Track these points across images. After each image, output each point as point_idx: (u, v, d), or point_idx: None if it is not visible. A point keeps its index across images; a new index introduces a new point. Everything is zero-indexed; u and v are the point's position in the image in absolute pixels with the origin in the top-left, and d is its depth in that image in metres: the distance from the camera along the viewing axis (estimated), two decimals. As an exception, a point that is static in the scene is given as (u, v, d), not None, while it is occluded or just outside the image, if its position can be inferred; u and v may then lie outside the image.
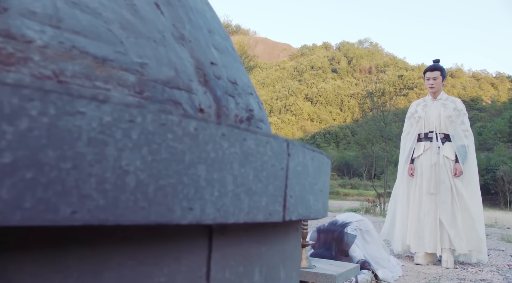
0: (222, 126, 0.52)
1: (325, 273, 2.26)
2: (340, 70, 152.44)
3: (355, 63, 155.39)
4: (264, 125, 0.89)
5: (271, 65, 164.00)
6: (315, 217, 0.75)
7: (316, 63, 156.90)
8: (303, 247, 2.43)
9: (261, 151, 0.58)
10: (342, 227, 3.47)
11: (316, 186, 0.76)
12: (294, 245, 0.85)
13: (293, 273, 0.83)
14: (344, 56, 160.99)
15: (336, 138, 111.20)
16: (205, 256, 0.57)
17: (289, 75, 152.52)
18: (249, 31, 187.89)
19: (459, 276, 3.68)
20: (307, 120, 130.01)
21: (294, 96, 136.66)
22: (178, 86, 0.63)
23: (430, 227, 4.13)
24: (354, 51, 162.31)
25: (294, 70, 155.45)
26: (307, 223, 2.47)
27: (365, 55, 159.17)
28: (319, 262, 2.58)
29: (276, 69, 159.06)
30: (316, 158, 0.76)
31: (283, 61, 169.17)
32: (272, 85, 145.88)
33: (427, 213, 4.18)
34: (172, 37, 0.67)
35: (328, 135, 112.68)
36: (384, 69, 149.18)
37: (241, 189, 0.55)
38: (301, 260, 0.90)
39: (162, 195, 0.45)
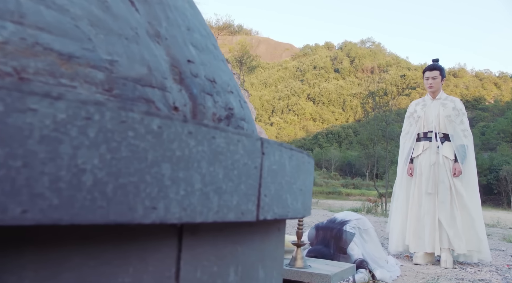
0: (188, 124, 0.51)
1: (320, 273, 2.25)
2: (342, 70, 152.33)
3: (357, 63, 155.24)
4: (246, 124, 0.88)
5: (273, 65, 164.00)
6: (294, 216, 0.74)
7: (319, 63, 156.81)
8: (298, 247, 2.42)
9: (232, 149, 0.58)
10: (340, 225, 3.46)
11: (295, 185, 0.75)
12: (276, 245, 0.84)
13: (274, 273, 0.83)
14: (347, 56, 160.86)
15: (339, 138, 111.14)
16: (174, 256, 0.56)
17: (291, 75, 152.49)
18: (251, 31, 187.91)
19: (457, 276, 3.67)
20: (310, 120, 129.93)
21: (297, 96, 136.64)
22: (151, 84, 0.62)
23: (429, 227, 4.12)
24: (356, 51, 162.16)
25: (297, 70, 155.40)
26: (302, 222, 2.46)
27: (367, 55, 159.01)
28: (315, 262, 2.57)
29: (278, 69, 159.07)
30: (295, 157, 0.75)
31: (285, 61, 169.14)
32: (275, 85, 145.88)
33: (426, 213, 4.16)
34: (147, 35, 0.66)
35: (331, 135, 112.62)
36: (387, 69, 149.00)
37: (210, 188, 0.54)
38: (283, 260, 0.89)
39: (123, 194, 0.44)
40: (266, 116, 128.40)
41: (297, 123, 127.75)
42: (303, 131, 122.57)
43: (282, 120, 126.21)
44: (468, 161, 4.18)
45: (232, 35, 76.61)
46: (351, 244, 3.35)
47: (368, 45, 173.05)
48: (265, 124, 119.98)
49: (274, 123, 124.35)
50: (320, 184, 57.62)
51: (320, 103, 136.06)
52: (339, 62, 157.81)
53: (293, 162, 0.74)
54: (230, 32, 57.45)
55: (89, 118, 0.42)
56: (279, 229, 0.86)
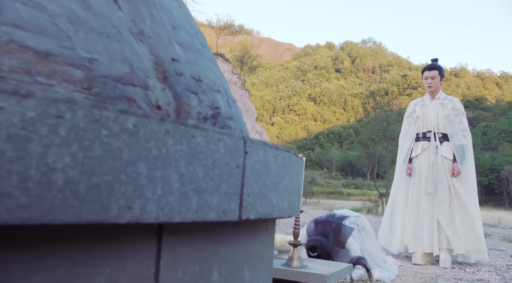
0: (166, 123, 0.51)
1: (316, 273, 2.25)
2: (343, 70, 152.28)
3: (358, 62, 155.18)
4: (234, 123, 0.87)
5: (274, 65, 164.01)
6: (279, 216, 0.74)
7: (320, 63, 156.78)
8: (294, 247, 2.42)
9: (213, 148, 0.57)
10: (339, 219, 3.46)
11: (281, 185, 0.74)
12: (263, 245, 0.84)
13: (261, 272, 0.82)
14: (348, 56, 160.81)
15: (340, 138, 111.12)
16: (154, 256, 0.55)
17: (292, 75, 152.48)
18: (252, 31, 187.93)
19: (456, 276, 3.66)
20: (311, 120, 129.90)
21: (298, 96, 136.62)
22: (133, 83, 0.62)
23: (428, 227, 4.11)
24: (357, 50, 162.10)
25: (298, 70, 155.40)
26: (299, 222, 2.46)
27: (368, 54, 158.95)
28: (312, 262, 2.57)
29: (279, 69, 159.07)
30: (281, 156, 0.74)
31: (286, 61, 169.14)
32: (276, 85, 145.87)
33: (425, 213, 4.15)
34: (130, 33, 0.66)
35: (332, 135, 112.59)
36: (388, 69, 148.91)
37: (189, 187, 0.53)
38: (272, 260, 0.88)
39: (96, 193, 0.44)
40: (267, 116, 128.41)
41: (298, 123, 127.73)
42: (304, 131, 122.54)
43: (283, 120, 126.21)
44: (467, 161, 4.18)
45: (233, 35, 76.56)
46: (350, 239, 3.34)
47: (369, 45, 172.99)
48: (266, 124, 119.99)
49: (275, 123, 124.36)
50: (321, 184, 57.56)
51: (321, 103, 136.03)
52: (340, 62, 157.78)
53: (279, 162, 0.74)
54: (231, 32, 57.34)
55: (60, 116, 0.41)
56: (266, 229, 0.85)
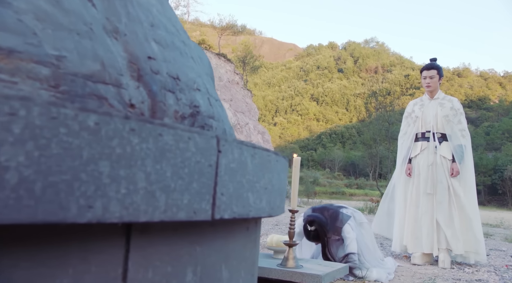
0: (130, 121, 0.50)
1: (311, 273, 2.24)
2: (346, 70, 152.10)
3: (361, 62, 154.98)
4: (216, 122, 0.86)
5: (277, 65, 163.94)
6: (257, 215, 0.73)
7: (322, 63, 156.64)
8: (290, 247, 2.41)
9: (182, 147, 0.56)
10: (337, 207, 3.46)
11: (259, 184, 0.74)
12: (244, 245, 0.83)
13: (241, 272, 0.81)
14: (350, 56, 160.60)
15: (342, 138, 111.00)
16: (122, 256, 0.54)
17: (295, 75, 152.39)
18: (255, 31, 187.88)
19: (455, 276, 3.64)
20: (313, 120, 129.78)
21: (300, 96, 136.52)
22: (104, 81, 0.61)
23: (427, 227, 4.09)
24: (360, 50, 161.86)
25: (300, 70, 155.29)
26: (294, 223, 2.45)
27: (371, 54, 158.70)
28: (307, 262, 2.56)
29: (282, 69, 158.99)
30: (258, 155, 0.73)
31: (289, 61, 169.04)
32: (278, 85, 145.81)
33: (424, 213, 4.13)
34: (103, 30, 0.65)
35: (334, 135, 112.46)
36: (391, 69, 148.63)
37: (156, 186, 0.53)
38: (256, 260, 0.88)
39: (53, 193, 0.43)
40: (269, 116, 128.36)
41: (300, 123, 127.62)
42: (307, 131, 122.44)
43: (285, 120, 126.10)
44: (466, 161, 4.15)
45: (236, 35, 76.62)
46: (346, 226, 3.31)
47: (372, 45, 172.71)
48: (269, 124, 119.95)
49: (277, 123, 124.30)
50: (323, 184, 57.47)
51: (324, 103, 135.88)
52: (342, 62, 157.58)
53: (256, 161, 0.73)
54: (233, 32, 57.33)
55: (14, 114, 0.40)
56: (248, 229, 0.84)
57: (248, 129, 46.43)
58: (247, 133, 46.52)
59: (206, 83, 0.89)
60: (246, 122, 46.85)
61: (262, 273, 2.37)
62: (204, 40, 54.22)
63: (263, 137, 49.15)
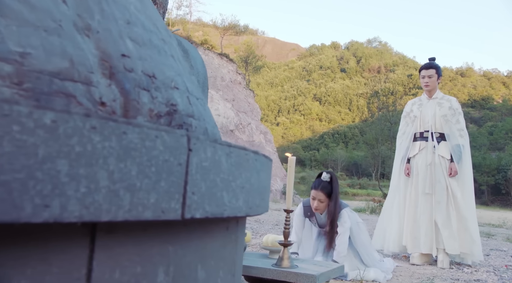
0: (91, 119, 0.49)
1: (306, 273, 2.23)
2: (348, 69, 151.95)
3: (364, 62, 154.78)
4: (196, 121, 0.86)
5: (279, 65, 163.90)
6: (233, 215, 0.72)
7: (325, 62, 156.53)
8: (285, 247, 2.40)
9: (149, 145, 0.55)
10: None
11: (235, 183, 0.73)
12: (223, 244, 0.82)
13: (220, 272, 0.80)
14: (353, 56, 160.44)
15: (345, 138, 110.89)
16: (86, 256, 0.54)
17: (297, 75, 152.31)
18: (257, 31, 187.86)
19: (453, 276, 3.63)
20: (316, 120, 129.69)
21: (303, 96, 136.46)
22: (73, 78, 0.60)
23: (426, 227, 4.08)
24: (363, 50, 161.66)
25: (303, 70, 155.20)
26: (289, 222, 2.44)
27: (374, 54, 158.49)
28: (303, 262, 2.55)
29: (284, 69, 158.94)
30: (235, 154, 0.73)
31: (291, 61, 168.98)
32: (281, 85, 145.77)
33: (422, 213, 4.12)
34: (73, 27, 0.64)
35: (337, 135, 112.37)
36: (393, 69, 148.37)
37: (120, 185, 0.52)
38: (239, 260, 0.87)
39: (6, 192, 0.42)
40: (272, 116, 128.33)
41: (303, 123, 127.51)
42: (310, 131, 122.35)
43: (288, 120, 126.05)
44: (464, 161, 4.13)
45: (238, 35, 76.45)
46: (343, 213, 3.33)
47: (375, 45, 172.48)
48: (271, 124, 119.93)
49: (280, 123, 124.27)
50: (326, 184, 57.23)
51: (327, 103, 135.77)
52: (345, 62, 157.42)
53: (232, 159, 0.72)
54: (236, 32, 57.27)
55: (-38, 111, 0.39)
56: (227, 228, 0.84)
57: (251, 129, 46.38)
58: (249, 133, 46.45)
59: (187, 81, 0.88)
60: (248, 122, 46.77)
61: (257, 273, 2.36)
62: (206, 40, 54.23)
63: (266, 137, 49.04)
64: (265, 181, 0.89)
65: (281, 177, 42.37)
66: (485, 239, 7.51)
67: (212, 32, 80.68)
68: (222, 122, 41.78)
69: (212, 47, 50.17)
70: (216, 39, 60.14)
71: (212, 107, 41.79)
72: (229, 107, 44.05)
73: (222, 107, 42.85)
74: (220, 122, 41.88)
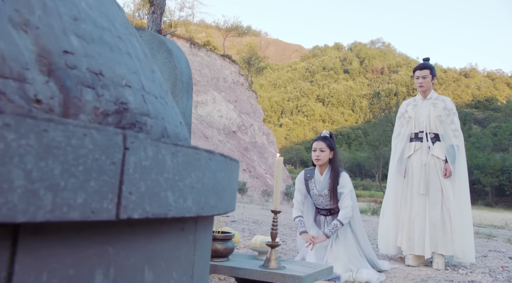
0: (5, 116, 0.47)
1: (292, 275, 2.22)
2: (352, 70, 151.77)
3: (367, 63, 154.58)
4: (151, 120, 0.84)
5: (282, 66, 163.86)
6: (179, 215, 0.70)
7: (328, 64, 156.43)
8: (272, 248, 2.38)
9: (75, 144, 0.54)
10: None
11: (182, 182, 0.71)
12: (177, 245, 0.80)
13: (173, 274, 0.78)
14: (356, 57, 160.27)
15: (348, 139, 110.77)
16: (6, 259, 0.52)
17: (300, 76, 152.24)
18: (260, 33, 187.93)
19: (448, 277, 3.60)
20: (319, 121, 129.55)
21: (306, 97, 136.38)
22: (3, 75, 0.58)
23: (419, 229, 4.05)
24: (366, 51, 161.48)
25: (306, 71, 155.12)
26: (276, 223, 2.42)
27: (377, 55, 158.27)
28: (291, 263, 2.53)
29: (287, 70, 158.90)
30: (182, 153, 0.71)
31: (294, 62, 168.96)
32: (284, 86, 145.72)
33: (417, 214, 4.09)
34: (8, 22, 0.63)
35: (340, 136, 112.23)
36: (397, 70, 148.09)
37: (39, 185, 0.50)
38: (205, 261, 0.85)
39: None
40: (275, 117, 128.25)
41: (306, 124, 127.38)
42: (313, 132, 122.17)
43: (291, 121, 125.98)
44: (458, 162, 4.10)
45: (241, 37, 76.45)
46: (344, 174, 3.55)
47: (378, 46, 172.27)
48: (275, 125, 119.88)
49: (283, 124, 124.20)
50: (329, 185, 57.22)
51: (330, 104, 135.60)
52: (348, 63, 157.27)
53: (179, 158, 0.70)
54: (238, 33, 57.32)
55: None
56: (182, 229, 0.82)
57: (253, 130, 46.30)
58: (252, 134, 46.36)
59: (144, 80, 0.86)
60: (251, 123, 46.69)
61: (243, 274, 2.35)
62: (209, 41, 54.25)
63: (268, 138, 48.89)
64: (224, 181, 0.87)
65: (284, 178, 42.29)
66: (485, 240, 7.47)
67: (215, 34, 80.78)
68: (225, 123, 41.79)
69: (214, 49, 50.20)
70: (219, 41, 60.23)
71: (214, 108, 41.78)
72: (231, 108, 44.08)
73: (225, 108, 42.88)
74: (223, 123, 41.89)
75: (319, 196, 3.56)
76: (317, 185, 3.58)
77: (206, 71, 43.38)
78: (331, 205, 3.54)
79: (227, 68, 46.50)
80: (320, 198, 3.56)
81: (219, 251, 2.46)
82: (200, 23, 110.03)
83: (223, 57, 47.02)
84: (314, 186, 3.59)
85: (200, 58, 44.22)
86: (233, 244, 2.56)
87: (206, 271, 0.97)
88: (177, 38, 44.72)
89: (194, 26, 70.77)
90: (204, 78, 42.40)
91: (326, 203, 3.57)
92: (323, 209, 3.61)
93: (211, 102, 40.41)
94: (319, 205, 3.62)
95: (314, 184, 3.59)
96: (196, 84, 41.26)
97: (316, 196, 3.58)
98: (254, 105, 47.06)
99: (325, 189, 3.52)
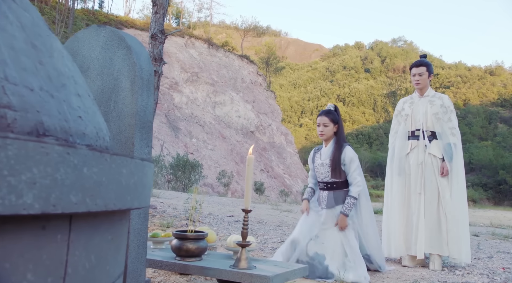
0: None
1: (259, 275, 2.18)
2: (373, 69, 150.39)
3: (388, 62, 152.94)
4: (17, 113, 0.80)
5: (302, 66, 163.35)
6: (12, 212, 0.66)
7: (349, 63, 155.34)
8: (243, 247, 2.34)
9: None
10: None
11: (15, 178, 0.67)
12: (37, 245, 0.76)
13: (27, 275, 0.75)
14: (377, 56, 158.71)
15: (369, 139, 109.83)
16: None
17: (320, 76, 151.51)
18: (280, 33, 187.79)
19: (442, 278, 3.50)
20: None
21: (326, 96, 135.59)
22: None
23: (416, 229, 3.95)
24: (387, 50, 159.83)
25: (326, 71, 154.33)
26: (247, 223, 2.37)
27: (399, 54, 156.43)
28: (264, 263, 2.48)
29: (307, 70, 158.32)
30: (15, 147, 0.67)
31: (315, 61, 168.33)
32: (304, 86, 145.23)
33: (414, 214, 4.00)
34: None
35: (361, 136, 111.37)
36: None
37: None
38: (75, 261, 0.82)
39: None
40: (295, 117, 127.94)
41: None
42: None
43: (311, 121, 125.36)
44: (455, 160, 3.98)
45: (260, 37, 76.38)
46: (348, 147, 3.58)
47: (400, 44, 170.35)
48: (295, 125, 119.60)
49: (303, 124, 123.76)
50: (349, 185, 56.87)
51: (350, 103, 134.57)
52: (369, 62, 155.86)
53: (9, 152, 0.66)
54: (257, 33, 57.41)
55: None
56: (44, 227, 0.78)
57: (271, 130, 46.26)
58: (270, 134, 46.32)
59: (12, 71, 0.83)
60: (269, 123, 46.67)
61: (213, 274, 2.32)
62: (227, 42, 54.44)
63: (286, 138, 48.78)
64: (98, 177, 0.83)
65: (302, 179, 42.08)
66: (499, 241, 7.27)
67: (235, 34, 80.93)
68: (243, 123, 41.86)
69: (233, 49, 50.34)
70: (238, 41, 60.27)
71: (232, 109, 41.88)
72: (249, 108, 44.10)
73: (243, 108, 42.94)
74: (241, 124, 41.95)
75: (321, 166, 3.64)
76: (322, 155, 3.67)
77: (224, 72, 43.48)
78: (329, 178, 3.58)
79: (245, 68, 46.44)
80: (321, 169, 3.63)
81: (191, 250, 2.44)
82: (220, 23, 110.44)
83: (241, 58, 47.01)
84: (320, 156, 3.68)
85: (218, 59, 44.34)
86: (206, 243, 2.52)
87: (103, 270, 0.94)
88: (195, 39, 44.91)
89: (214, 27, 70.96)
90: (222, 78, 42.51)
91: (325, 175, 3.60)
92: (322, 182, 3.65)
93: (229, 102, 40.48)
94: (319, 177, 3.67)
95: (320, 155, 3.70)
96: (214, 84, 41.37)
97: (319, 167, 3.66)
98: (272, 105, 46.92)
99: (327, 159, 3.59)
